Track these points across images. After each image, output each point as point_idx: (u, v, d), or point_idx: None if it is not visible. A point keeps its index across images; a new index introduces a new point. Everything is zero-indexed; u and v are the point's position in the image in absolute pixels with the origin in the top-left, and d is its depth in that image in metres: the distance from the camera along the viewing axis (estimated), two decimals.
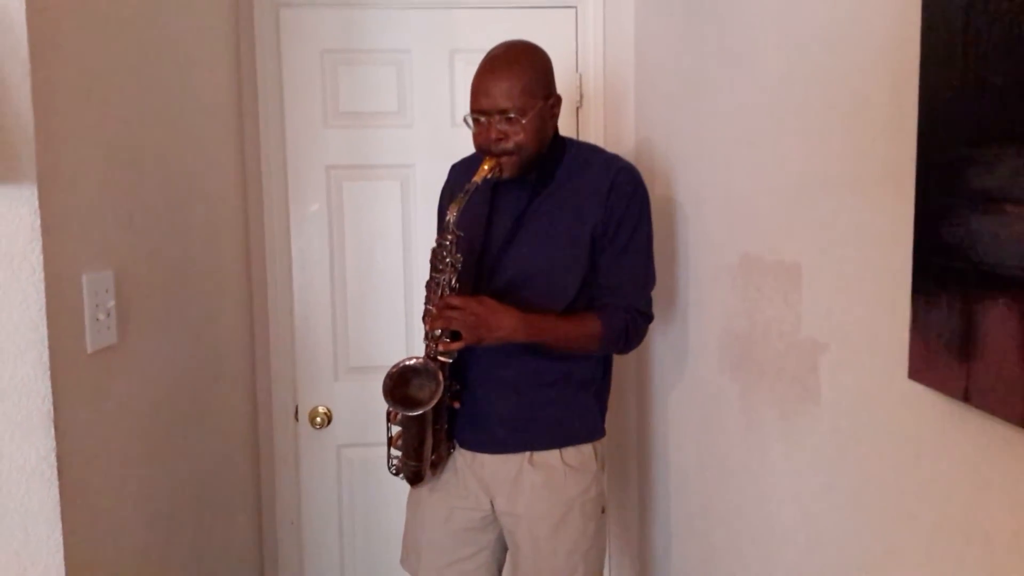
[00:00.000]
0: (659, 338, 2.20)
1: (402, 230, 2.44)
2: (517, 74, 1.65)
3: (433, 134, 2.40)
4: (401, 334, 2.47)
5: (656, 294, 1.82)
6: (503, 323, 1.63)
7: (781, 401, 1.37)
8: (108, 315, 1.36)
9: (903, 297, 0.94)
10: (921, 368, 0.91)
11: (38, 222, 1.14)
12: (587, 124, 2.45)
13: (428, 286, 1.70)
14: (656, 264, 1.79)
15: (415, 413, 1.65)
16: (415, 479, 1.78)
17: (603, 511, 1.83)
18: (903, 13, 0.95)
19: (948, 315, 0.85)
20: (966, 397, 0.83)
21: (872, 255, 1.06)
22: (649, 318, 1.80)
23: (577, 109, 2.46)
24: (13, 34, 1.11)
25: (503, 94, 1.63)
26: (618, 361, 2.49)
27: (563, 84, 2.42)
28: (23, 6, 1.11)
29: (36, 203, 1.14)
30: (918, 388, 0.93)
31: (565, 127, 2.41)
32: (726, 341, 1.65)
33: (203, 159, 2.02)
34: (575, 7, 2.43)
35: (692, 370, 1.92)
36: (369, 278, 2.46)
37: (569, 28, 2.44)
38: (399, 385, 1.67)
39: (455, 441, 1.82)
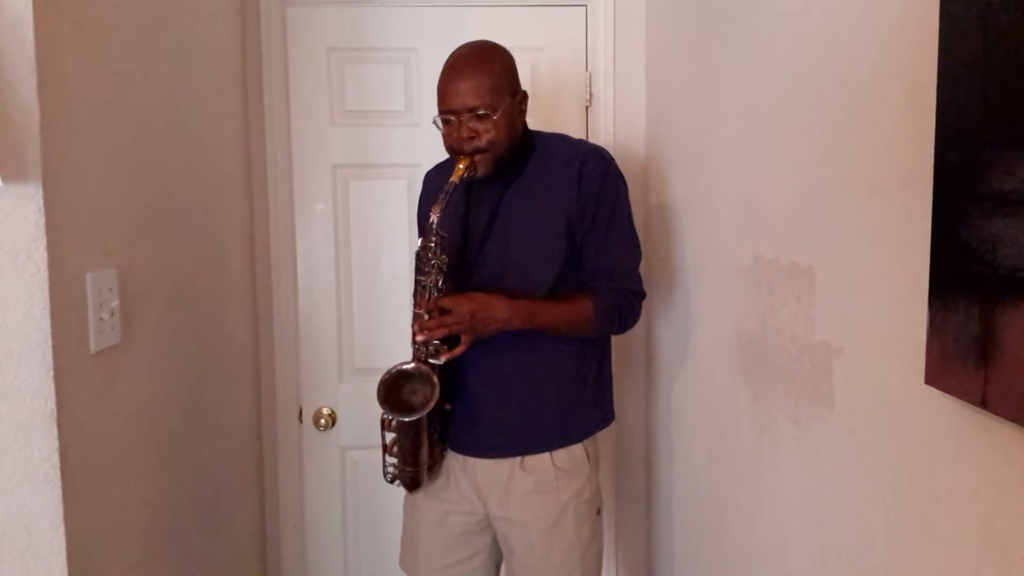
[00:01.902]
0: (669, 338, 2.19)
1: (409, 230, 2.43)
2: (484, 72, 1.65)
3: (437, 130, 2.38)
4: (407, 335, 2.44)
5: (666, 295, 1.80)
6: (497, 314, 1.64)
7: (794, 405, 1.36)
8: (112, 314, 1.35)
9: (919, 301, 0.92)
10: (938, 373, 0.90)
11: (43, 220, 1.14)
12: (596, 123, 2.44)
13: (415, 292, 1.70)
14: (667, 265, 1.78)
15: (411, 418, 1.64)
16: (413, 485, 1.77)
17: (599, 512, 1.82)
18: (920, 12, 0.94)
19: (966, 319, 0.83)
20: (984, 403, 0.81)
21: (888, 258, 1.05)
22: (641, 295, 1.80)
23: (587, 108, 2.44)
24: (19, 31, 1.10)
25: (471, 92, 1.63)
26: (626, 362, 2.48)
27: (572, 82, 2.42)
28: (30, 4, 1.10)
29: (41, 201, 1.13)
30: (935, 394, 0.92)
31: (575, 126, 2.41)
32: (738, 344, 1.63)
33: (208, 158, 2.01)
34: (585, 5, 2.42)
35: (702, 372, 1.91)
36: (375, 278, 2.45)
37: (579, 26, 2.42)
38: (393, 390, 1.66)
39: (446, 444, 1.81)
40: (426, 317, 1.63)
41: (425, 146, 2.37)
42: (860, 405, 1.14)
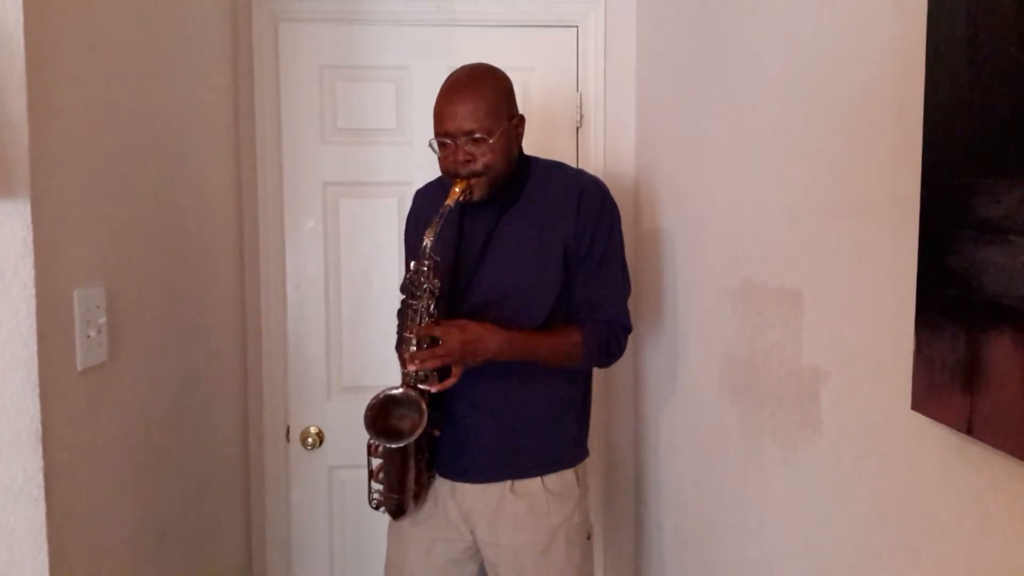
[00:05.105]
0: (658, 360, 2.19)
1: (399, 248, 2.42)
2: (481, 95, 1.65)
3: (431, 152, 2.39)
4: (395, 355, 2.44)
5: (655, 317, 1.80)
6: (487, 345, 1.62)
7: (782, 429, 1.36)
8: (99, 332, 1.35)
9: (906, 326, 0.92)
10: (924, 399, 0.90)
11: (30, 237, 1.13)
12: (587, 144, 2.45)
13: (403, 314, 1.68)
14: (656, 287, 1.78)
15: (399, 445, 1.62)
16: (398, 512, 1.75)
17: (589, 537, 1.80)
18: (908, 38, 0.95)
19: (952, 346, 0.83)
20: (969, 430, 0.81)
21: (875, 283, 1.05)
22: (628, 330, 1.80)
23: (577, 129, 2.45)
24: (10, 48, 1.10)
25: (468, 116, 1.63)
26: (615, 386, 2.48)
27: (563, 103, 2.43)
28: (21, 20, 1.10)
29: (29, 218, 1.13)
30: (921, 419, 0.92)
31: (565, 147, 2.42)
32: (726, 367, 1.64)
33: (199, 174, 2.01)
34: (576, 26, 2.43)
35: (691, 395, 1.91)
36: (365, 296, 2.45)
37: (570, 47, 2.44)
38: (381, 416, 1.64)
39: (434, 471, 1.80)
40: (415, 344, 1.62)
41: (416, 165, 2.38)
42: (847, 429, 1.14)
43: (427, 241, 1.61)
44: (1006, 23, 0.75)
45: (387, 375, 1.81)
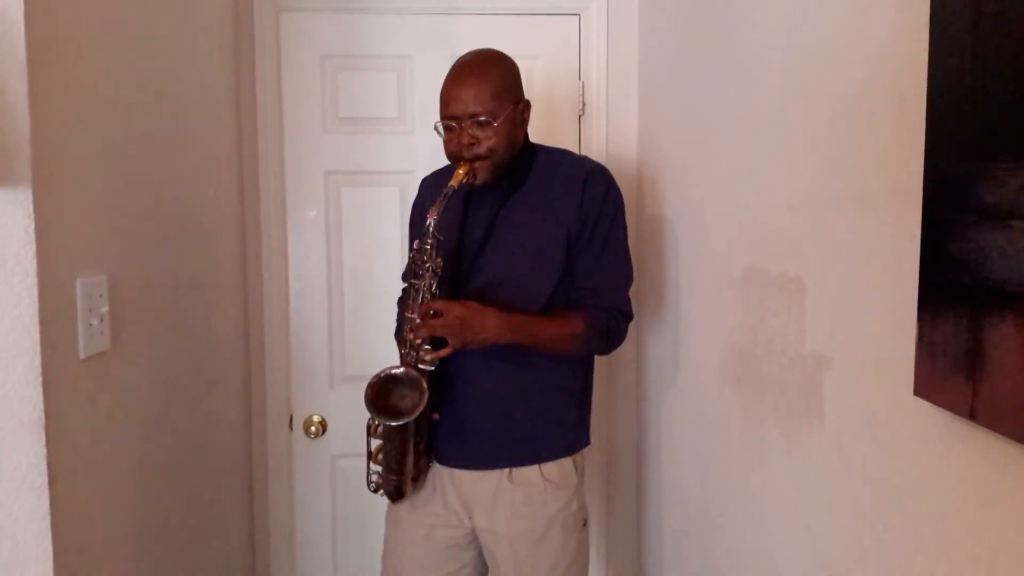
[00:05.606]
0: (660, 348, 2.19)
1: (401, 237, 2.42)
2: (486, 79, 1.66)
3: (434, 140, 2.36)
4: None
5: (658, 305, 1.79)
6: (487, 324, 1.62)
7: (784, 417, 1.36)
8: (101, 321, 1.35)
9: (909, 313, 0.92)
10: (927, 385, 0.90)
11: (32, 226, 1.13)
12: (589, 132, 2.44)
13: (404, 301, 1.67)
14: (658, 275, 1.78)
15: (399, 422, 1.62)
16: (396, 495, 1.75)
17: (585, 524, 1.81)
18: (911, 27, 0.94)
19: (955, 332, 0.83)
20: (972, 415, 0.81)
21: (878, 270, 1.05)
22: (629, 317, 1.79)
23: (579, 117, 2.45)
24: (11, 36, 1.10)
25: (473, 99, 1.64)
26: (616, 374, 2.48)
27: (565, 91, 2.43)
28: (22, 8, 1.10)
29: (31, 206, 1.13)
30: (924, 405, 0.92)
31: (568, 135, 2.41)
32: (728, 355, 1.64)
33: (201, 163, 2.01)
34: (579, 14, 2.43)
35: (693, 383, 1.91)
36: (367, 285, 2.45)
37: (572, 35, 2.43)
38: (381, 395, 1.64)
39: (432, 456, 1.80)
40: (418, 320, 1.62)
41: (418, 154, 2.38)
42: (850, 416, 1.14)
43: (430, 220, 1.61)
44: (1011, 8, 0.74)
45: (389, 364, 1.81)
